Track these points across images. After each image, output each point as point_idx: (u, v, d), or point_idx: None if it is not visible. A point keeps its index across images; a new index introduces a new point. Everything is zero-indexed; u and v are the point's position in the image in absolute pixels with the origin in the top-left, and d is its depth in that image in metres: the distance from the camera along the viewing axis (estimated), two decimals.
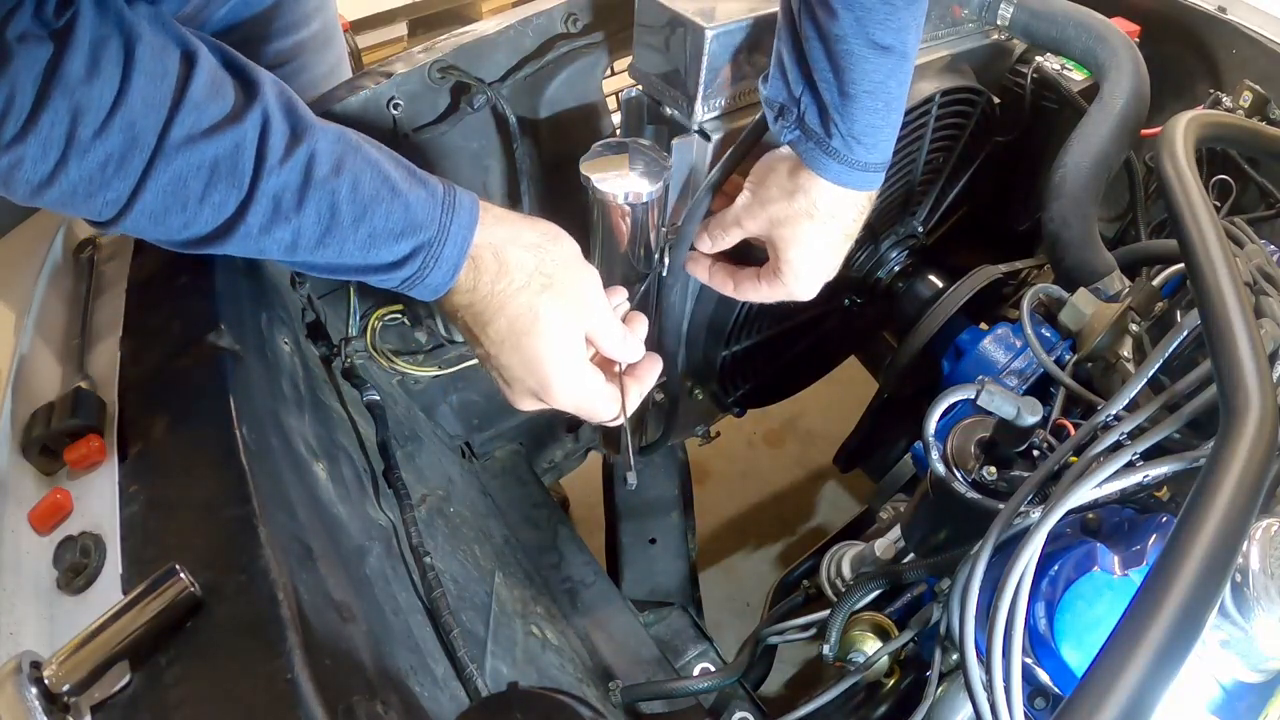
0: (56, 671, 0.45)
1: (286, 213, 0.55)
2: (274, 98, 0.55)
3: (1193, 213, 0.62)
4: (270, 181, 0.54)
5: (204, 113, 0.51)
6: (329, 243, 0.57)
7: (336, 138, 0.57)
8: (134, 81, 0.49)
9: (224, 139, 0.52)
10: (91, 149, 0.49)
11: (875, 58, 0.64)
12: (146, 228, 0.54)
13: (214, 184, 0.52)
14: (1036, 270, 1.13)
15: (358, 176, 0.56)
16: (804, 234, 0.74)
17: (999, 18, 1.04)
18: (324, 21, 1.06)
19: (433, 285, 0.61)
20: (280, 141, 0.54)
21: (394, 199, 0.57)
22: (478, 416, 1.24)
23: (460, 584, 0.86)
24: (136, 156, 0.50)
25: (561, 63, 0.96)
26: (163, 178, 0.51)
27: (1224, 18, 1.10)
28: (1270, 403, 0.49)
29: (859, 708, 0.85)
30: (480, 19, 1.58)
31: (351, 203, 0.56)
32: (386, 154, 0.60)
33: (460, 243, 0.60)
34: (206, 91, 0.52)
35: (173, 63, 0.51)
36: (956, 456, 0.75)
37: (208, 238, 0.55)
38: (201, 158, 0.52)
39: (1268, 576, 0.52)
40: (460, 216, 0.60)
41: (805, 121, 0.69)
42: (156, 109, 0.50)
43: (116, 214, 0.52)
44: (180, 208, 0.53)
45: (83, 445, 0.60)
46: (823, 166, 0.69)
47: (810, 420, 2.00)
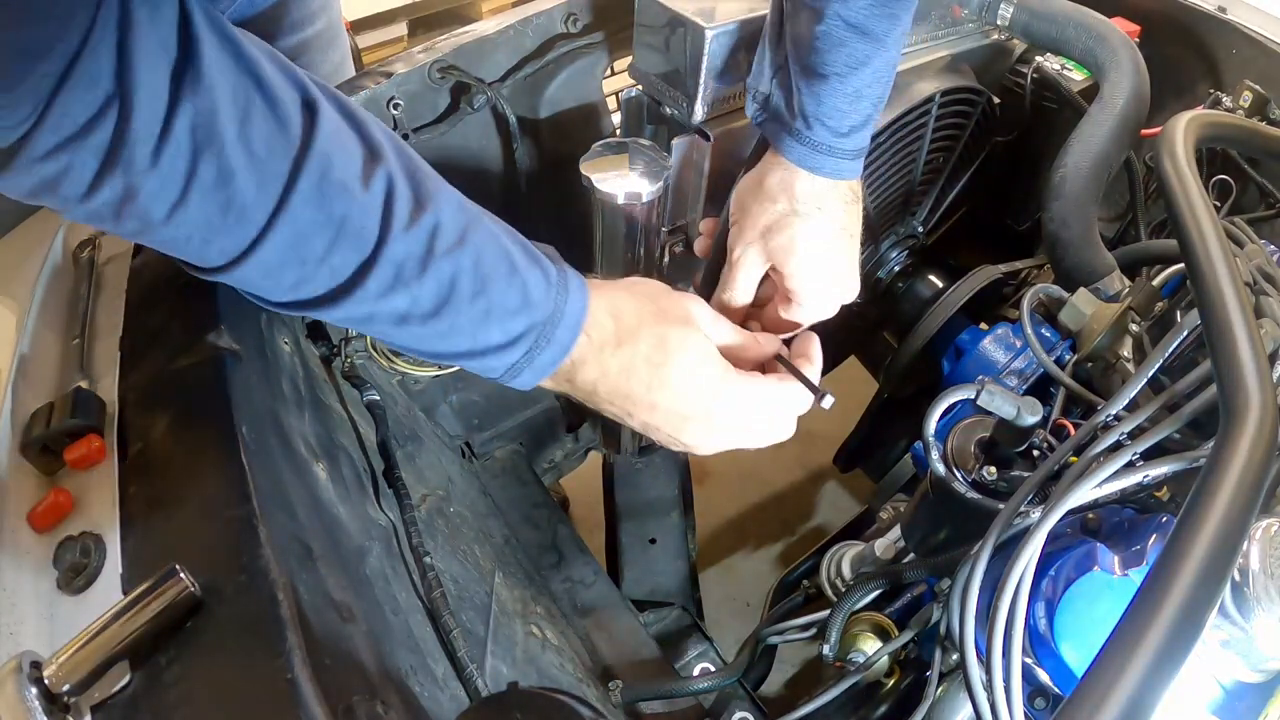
0: (56, 671, 0.45)
1: (407, 280, 0.52)
2: (395, 157, 0.52)
3: (1193, 213, 0.62)
4: (395, 247, 0.51)
5: (331, 164, 0.49)
6: (444, 315, 0.54)
7: (459, 207, 0.55)
8: (255, 125, 0.46)
9: (351, 198, 0.49)
10: (215, 191, 0.46)
11: (854, 41, 0.62)
12: (257, 280, 0.51)
13: (338, 243, 0.50)
14: (1036, 270, 1.13)
15: (480, 250, 0.54)
16: (797, 237, 0.70)
17: (999, 18, 1.04)
18: (328, 20, 1.06)
19: (541, 365, 0.58)
20: (405, 206, 0.51)
21: (512, 276, 0.55)
22: (478, 416, 1.24)
23: (460, 584, 0.86)
24: (261, 205, 0.47)
25: (561, 63, 0.96)
26: (285, 232, 0.48)
27: (1224, 18, 1.10)
28: (1270, 403, 0.49)
29: (859, 708, 0.85)
30: (480, 19, 1.58)
31: (473, 276, 0.54)
32: (502, 227, 0.58)
33: (572, 325, 0.58)
34: (332, 144, 0.49)
35: (294, 110, 0.48)
36: (956, 456, 0.75)
37: (320, 299, 0.52)
38: (328, 215, 0.49)
39: (1268, 576, 0.52)
40: (573, 297, 0.58)
41: (772, 104, 0.68)
42: (281, 158, 0.47)
43: (228, 262, 0.49)
44: (298, 264, 0.50)
45: (83, 445, 0.60)
46: (787, 148, 0.68)
47: (810, 420, 1.99)
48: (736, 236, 0.73)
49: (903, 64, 0.95)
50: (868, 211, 1.02)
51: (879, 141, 0.95)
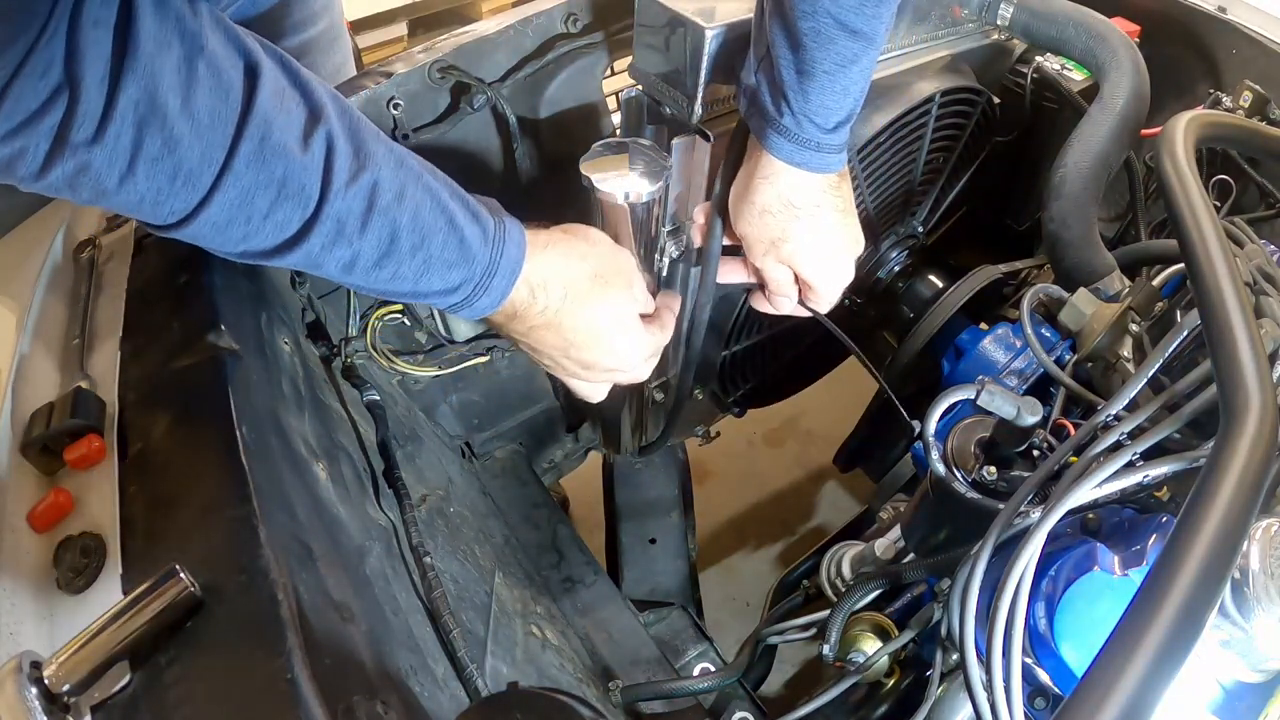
0: (56, 671, 0.45)
1: (349, 236, 0.56)
2: (337, 118, 0.55)
3: (1193, 213, 0.62)
4: (336, 204, 0.54)
5: (271, 129, 0.51)
6: (385, 265, 0.58)
7: (398, 163, 0.58)
8: (198, 94, 0.48)
9: (292, 159, 0.52)
10: (160, 160, 0.48)
11: (844, 39, 0.63)
12: (208, 236, 0.54)
13: (280, 202, 0.53)
14: (1036, 270, 1.13)
15: (418, 206, 0.58)
16: (804, 239, 0.74)
17: (999, 18, 1.04)
18: (331, 20, 1.06)
19: (479, 309, 0.64)
20: (345, 164, 0.54)
21: (450, 230, 0.59)
22: (478, 416, 1.24)
23: (460, 584, 0.86)
24: (205, 171, 0.50)
25: (561, 63, 0.96)
26: (230, 193, 0.51)
27: (1224, 18, 1.10)
28: (1270, 403, 0.49)
29: (859, 708, 0.85)
30: (480, 19, 1.58)
31: (411, 231, 0.58)
32: (443, 181, 0.62)
33: (508, 274, 0.63)
34: (274, 107, 0.52)
35: (237, 76, 0.50)
36: (956, 456, 0.75)
37: (266, 252, 0.56)
38: (270, 175, 0.52)
39: (1268, 576, 0.52)
40: (509, 250, 0.63)
41: (759, 98, 0.69)
42: (224, 123, 0.50)
43: (179, 221, 0.52)
44: (244, 221, 0.53)
45: (83, 445, 0.60)
46: (774, 144, 0.69)
47: (810, 420, 2.00)
48: (749, 252, 0.78)
49: (903, 64, 0.95)
50: (868, 211, 1.02)
51: (879, 141, 0.95)
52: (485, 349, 1.11)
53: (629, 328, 0.71)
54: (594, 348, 0.70)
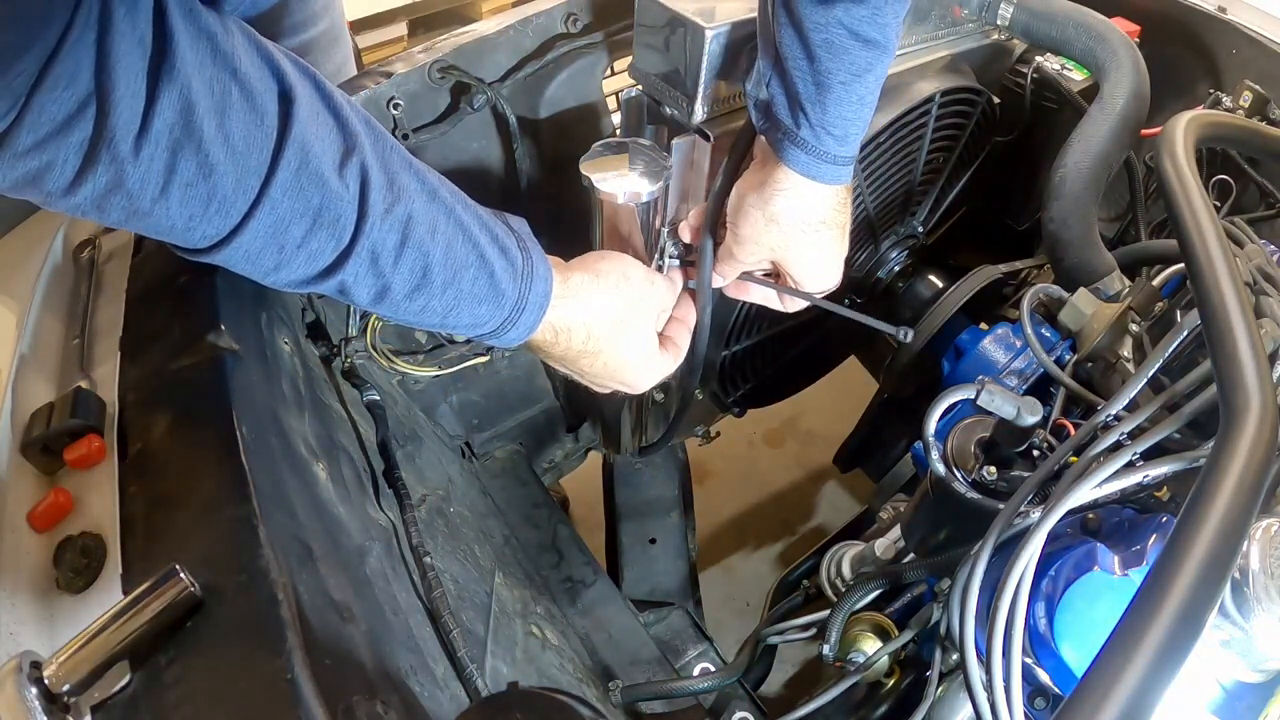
0: (56, 671, 0.45)
1: (383, 269, 0.55)
2: (371, 146, 0.54)
3: (1193, 213, 0.62)
4: (371, 236, 0.54)
5: (308, 156, 0.50)
6: (416, 299, 0.58)
7: (431, 195, 0.58)
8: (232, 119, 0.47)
9: (327, 188, 0.51)
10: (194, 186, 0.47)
11: (858, 49, 0.63)
12: (239, 263, 0.53)
13: (315, 231, 0.52)
14: (1036, 270, 1.13)
15: (450, 240, 0.58)
16: (805, 252, 0.75)
17: (999, 18, 1.04)
18: (331, 20, 1.06)
19: (507, 341, 0.64)
20: (380, 195, 0.54)
21: (481, 267, 0.59)
22: (478, 416, 1.24)
23: (460, 584, 0.86)
24: (240, 198, 0.49)
25: (561, 63, 0.96)
26: (265, 220, 0.50)
27: (1224, 18, 1.10)
28: (1270, 403, 0.49)
29: (859, 708, 0.85)
30: (480, 19, 1.58)
31: (444, 266, 0.57)
32: (473, 213, 0.61)
33: (535, 311, 0.63)
34: (309, 134, 0.51)
35: (270, 101, 0.49)
36: (956, 456, 0.75)
37: (299, 281, 0.55)
38: (306, 205, 0.51)
39: (1268, 576, 0.52)
40: (537, 286, 0.63)
41: (774, 112, 0.69)
42: (259, 150, 0.49)
43: (210, 247, 0.51)
44: (277, 250, 0.52)
45: (83, 445, 0.60)
46: (792, 157, 0.69)
47: (810, 420, 2.00)
48: (740, 250, 0.77)
49: (903, 64, 0.95)
50: (868, 211, 1.02)
51: (879, 141, 0.95)
52: (485, 349, 1.11)
53: (648, 363, 0.73)
54: (613, 381, 0.73)
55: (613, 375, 0.72)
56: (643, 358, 0.73)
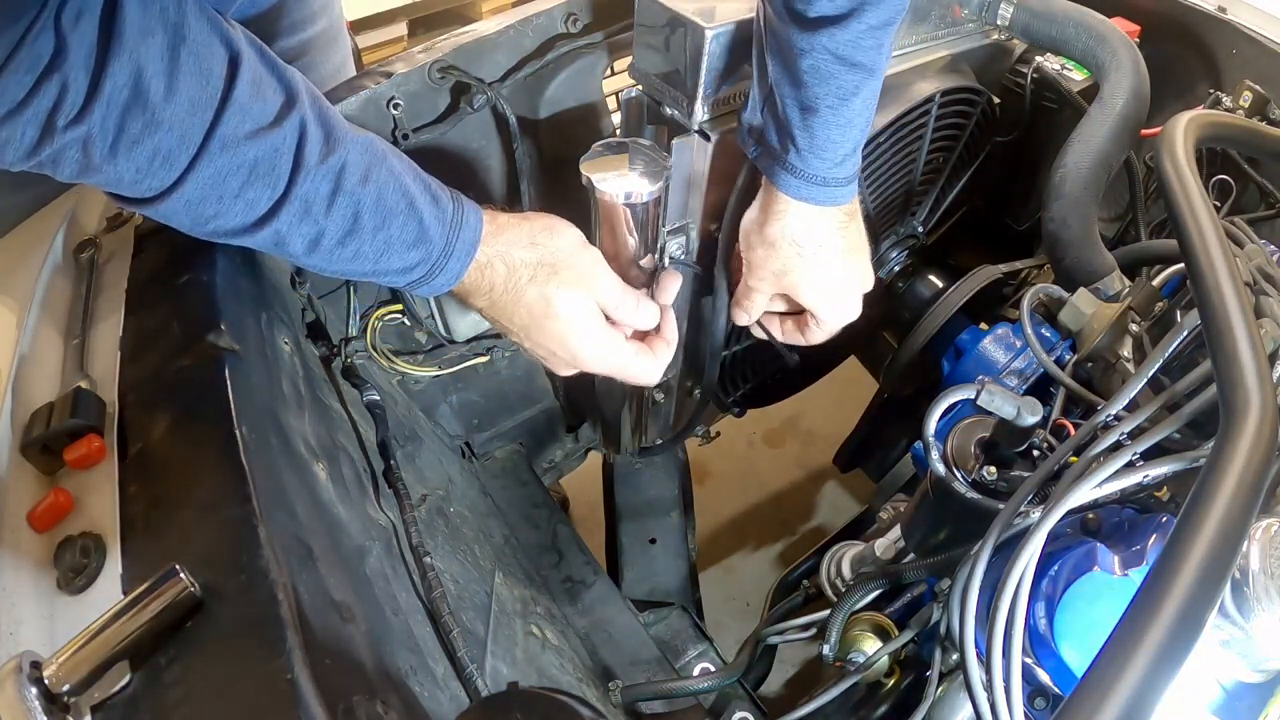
0: (56, 671, 0.45)
1: (315, 215, 0.58)
2: (310, 104, 0.58)
3: (1193, 213, 0.62)
4: (304, 186, 0.57)
5: (247, 114, 0.54)
6: (348, 244, 0.61)
7: (365, 148, 0.60)
8: (180, 81, 0.50)
9: (265, 142, 0.54)
10: (140, 142, 0.50)
11: (844, 73, 0.64)
12: (179, 213, 0.56)
13: (251, 182, 0.55)
14: (1036, 270, 1.13)
15: (382, 188, 0.60)
16: (805, 276, 0.76)
17: (999, 18, 1.04)
18: (330, 20, 1.06)
19: (436, 287, 0.66)
20: (316, 148, 0.57)
21: (410, 212, 0.62)
22: (478, 416, 1.24)
23: (460, 584, 0.86)
24: (183, 152, 0.52)
25: (561, 63, 0.96)
26: (205, 173, 0.54)
27: (1224, 18, 1.10)
28: (1270, 403, 0.49)
29: (859, 708, 0.85)
30: (480, 19, 1.58)
31: (374, 212, 0.60)
32: (407, 165, 0.64)
33: (463, 256, 0.65)
34: (250, 93, 0.54)
35: (219, 63, 0.52)
36: (956, 456, 0.75)
37: (235, 230, 0.58)
38: (243, 158, 0.54)
39: (1268, 576, 0.52)
40: (465, 233, 0.65)
41: (765, 138, 0.70)
42: (203, 109, 0.52)
43: (154, 197, 0.55)
44: (216, 200, 0.55)
45: (83, 445, 0.60)
46: (783, 182, 0.70)
47: (810, 420, 2.00)
48: (749, 274, 0.79)
49: (903, 64, 0.95)
50: (868, 211, 1.02)
51: (879, 142, 0.95)
52: (485, 349, 1.11)
53: (578, 323, 0.70)
54: (539, 333, 0.71)
55: (544, 329, 0.70)
56: (577, 317, 0.70)
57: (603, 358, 0.73)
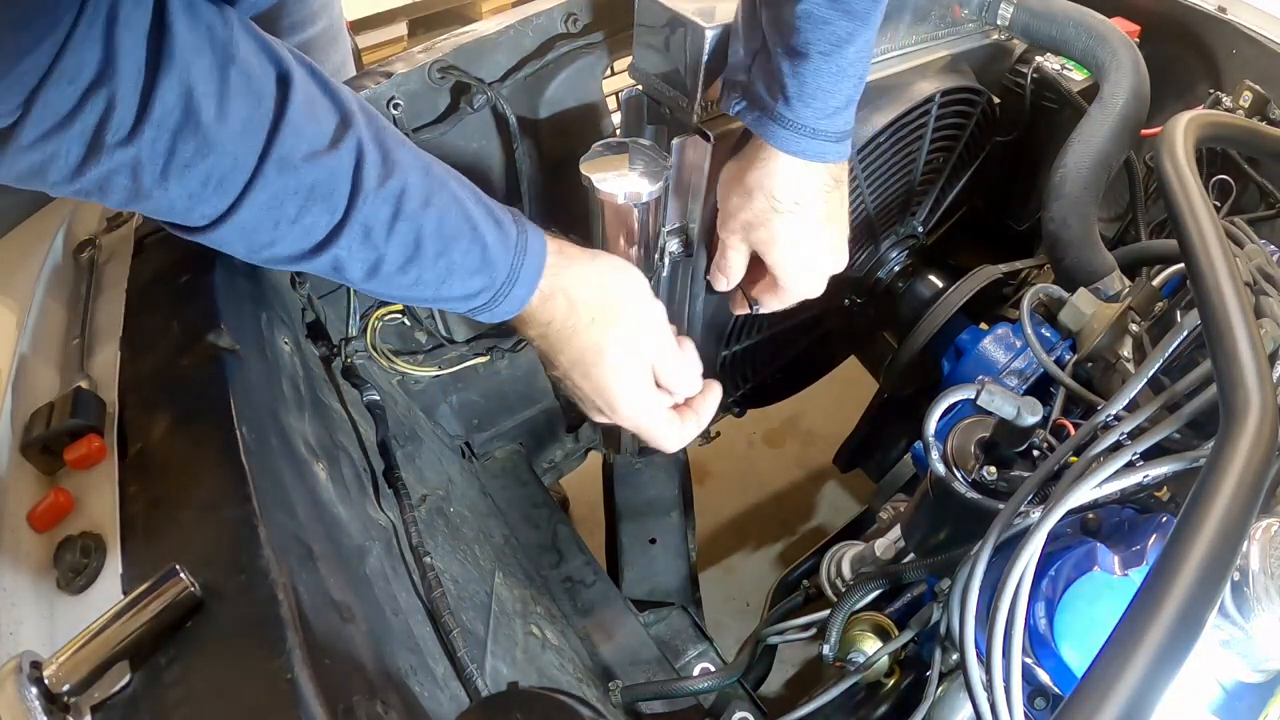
0: (56, 671, 0.45)
1: (376, 241, 0.56)
2: (365, 124, 0.56)
3: (1193, 213, 0.62)
4: (364, 210, 0.55)
5: (302, 136, 0.52)
6: (409, 271, 0.59)
7: (424, 171, 0.59)
8: (231, 102, 0.49)
9: (322, 165, 0.53)
10: (192, 166, 0.49)
11: (837, 19, 0.62)
12: (234, 241, 0.55)
13: (308, 207, 0.53)
14: (1036, 270, 1.13)
15: (443, 213, 0.59)
16: (777, 231, 0.73)
17: (999, 18, 1.04)
18: (330, 20, 1.06)
19: (499, 315, 0.65)
20: (374, 171, 0.55)
21: (474, 238, 0.60)
22: (478, 416, 1.24)
23: (460, 584, 0.86)
24: (236, 177, 0.50)
25: (561, 63, 0.96)
26: (260, 198, 0.52)
27: (1224, 18, 1.10)
28: (1270, 403, 0.49)
29: (859, 708, 0.85)
30: (480, 19, 1.58)
31: (436, 238, 0.58)
32: (468, 189, 0.62)
33: (529, 284, 0.64)
34: (304, 114, 0.52)
35: (269, 84, 0.51)
36: (956, 456, 0.75)
37: (293, 257, 0.56)
38: (300, 182, 0.52)
39: (1268, 576, 0.52)
40: (530, 259, 0.63)
41: (753, 90, 0.68)
42: (256, 131, 0.50)
43: (207, 225, 0.53)
44: (272, 226, 0.53)
45: (83, 445, 0.60)
46: (771, 134, 0.68)
47: (810, 420, 2.00)
48: (721, 226, 0.77)
49: (903, 64, 0.95)
50: (868, 211, 1.02)
51: (879, 141, 0.95)
52: (485, 349, 1.11)
53: (626, 377, 0.69)
54: (583, 377, 0.69)
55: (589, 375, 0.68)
56: (626, 367, 0.68)
57: (638, 417, 0.71)
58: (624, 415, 0.71)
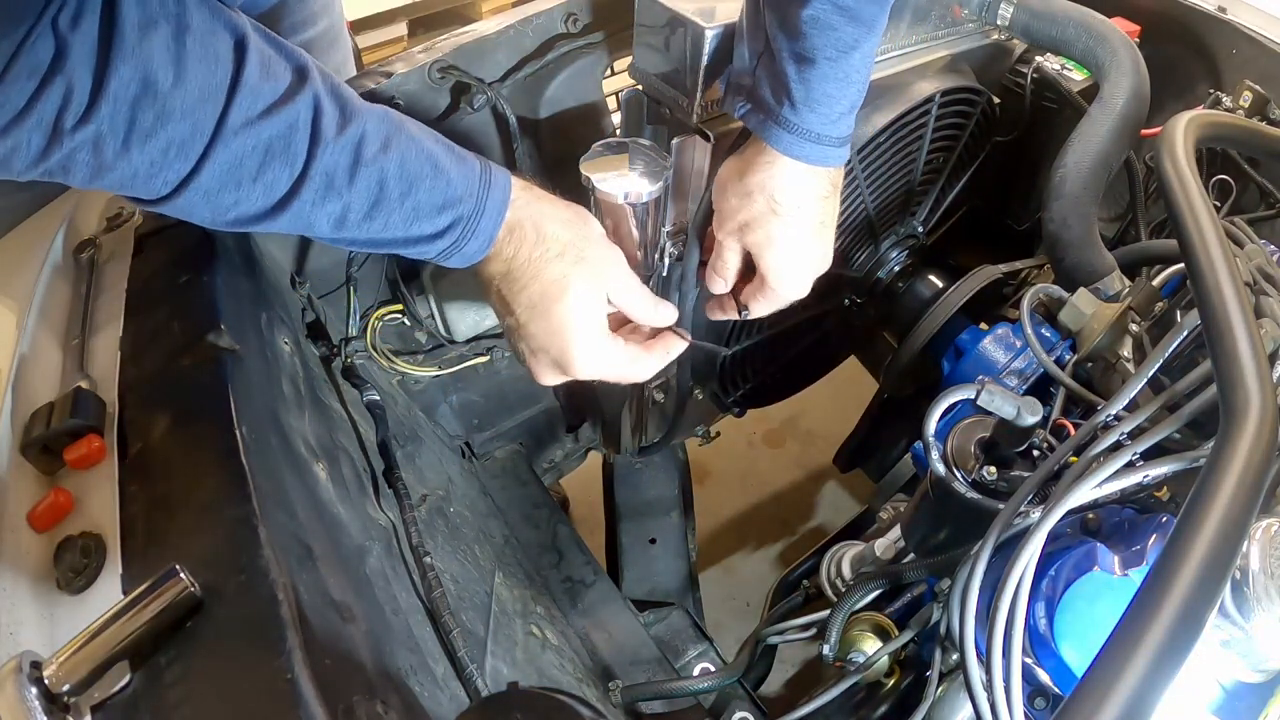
0: (56, 671, 0.45)
1: (339, 189, 0.57)
2: (321, 80, 0.57)
3: (1193, 213, 0.62)
4: (324, 160, 0.56)
5: (259, 95, 0.53)
6: (376, 215, 0.60)
7: (382, 117, 0.60)
8: (188, 68, 0.50)
9: (279, 120, 0.54)
10: (153, 135, 0.50)
11: (843, 25, 0.63)
12: (198, 205, 0.55)
13: (268, 163, 0.54)
14: (1036, 270, 1.13)
15: (404, 154, 0.60)
16: (774, 234, 0.73)
17: (999, 18, 1.04)
18: (330, 21, 1.06)
19: (469, 254, 0.65)
20: (332, 121, 0.56)
21: (436, 175, 0.61)
22: (478, 416, 1.24)
23: (460, 584, 0.86)
24: (197, 141, 0.51)
25: (561, 63, 0.96)
26: (221, 159, 0.53)
27: (1224, 18, 1.10)
28: (1270, 403, 0.49)
29: (859, 708, 0.85)
30: (480, 19, 1.58)
31: (399, 179, 0.59)
32: (427, 131, 0.63)
33: (495, 215, 0.64)
34: (260, 74, 0.53)
35: (225, 48, 0.52)
36: (956, 456, 0.75)
37: (258, 215, 0.57)
38: (258, 139, 0.53)
39: (1268, 576, 0.52)
40: (495, 192, 0.64)
41: (757, 93, 0.68)
42: (214, 94, 0.51)
43: (170, 192, 0.54)
44: (234, 186, 0.54)
45: (83, 445, 0.60)
46: (775, 138, 0.68)
47: (810, 420, 2.00)
48: (717, 227, 0.77)
49: (903, 64, 0.95)
50: (868, 211, 1.02)
51: (879, 141, 0.95)
52: (485, 349, 1.11)
53: (584, 316, 0.67)
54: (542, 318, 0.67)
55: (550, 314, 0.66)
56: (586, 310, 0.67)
57: (593, 360, 0.70)
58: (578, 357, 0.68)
